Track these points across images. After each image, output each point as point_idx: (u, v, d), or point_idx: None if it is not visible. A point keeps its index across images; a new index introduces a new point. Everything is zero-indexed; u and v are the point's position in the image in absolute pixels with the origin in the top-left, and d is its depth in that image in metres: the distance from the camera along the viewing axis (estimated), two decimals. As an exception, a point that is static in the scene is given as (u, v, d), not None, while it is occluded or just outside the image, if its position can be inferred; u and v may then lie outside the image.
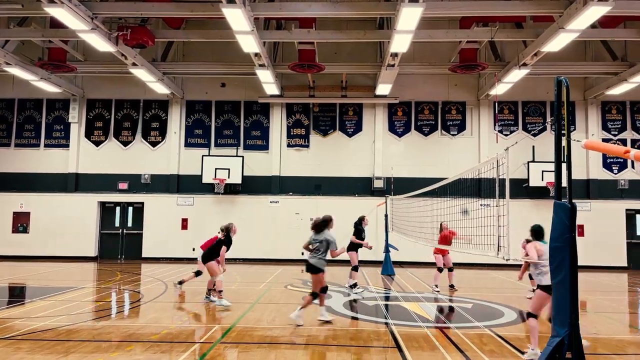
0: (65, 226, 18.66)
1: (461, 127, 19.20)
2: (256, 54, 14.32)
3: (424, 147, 19.20)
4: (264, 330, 7.42)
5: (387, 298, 10.84)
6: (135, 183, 19.41)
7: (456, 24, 15.59)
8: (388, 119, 19.37)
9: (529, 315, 6.05)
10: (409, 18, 11.27)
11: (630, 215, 18.50)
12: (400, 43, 12.96)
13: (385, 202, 16.32)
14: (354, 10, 12.77)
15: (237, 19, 11.61)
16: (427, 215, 11.63)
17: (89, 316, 8.43)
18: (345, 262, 12.05)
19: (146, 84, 17.71)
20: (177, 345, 6.48)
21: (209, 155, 19.02)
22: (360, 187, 19.07)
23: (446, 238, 11.36)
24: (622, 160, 18.50)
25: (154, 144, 19.61)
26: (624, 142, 18.72)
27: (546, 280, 5.69)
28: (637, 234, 18.61)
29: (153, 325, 7.75)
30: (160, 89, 17.99)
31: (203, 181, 18.49)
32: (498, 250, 6.89)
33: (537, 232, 6.40)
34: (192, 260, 18.26)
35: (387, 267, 15.07)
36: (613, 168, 18.73)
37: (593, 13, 11.06)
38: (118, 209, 19.53)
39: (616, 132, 18.89)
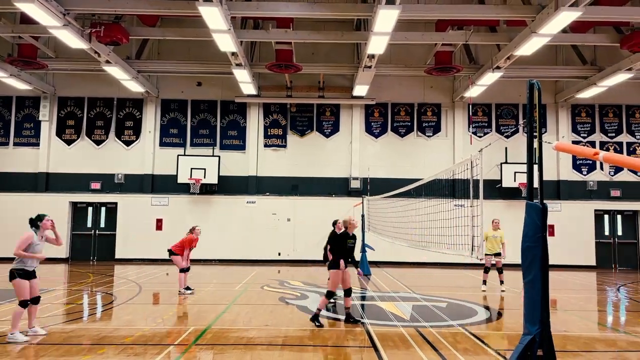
0: (35, 227, 18.15)
1: (436, 129, 19.45)
2: (233, 53, 14.22)
3: (400, 148, 19.38)
4: (239, 331, 7.37)
5: (363, 298, 10.90)
6: (109, 183, 19.04)
7: (432, 27, 15.80)
8: (365, 120, 19.49)
9: None
10: (385, 20, 11.37)
11: (598, 216, 19.04)
12: (377, 45, 13.06)
13: (362, 202, 16.40)
14: (332, 11, 12.82)
15: (213, 17, 11.51)
16: (404, 216, 11.74)
17: (60, 319, 8.23)
18: (322, 263, 12.06)
19: (120, 82, 17.39)
20: (150, 347, 6.39)
21: (184, 155, 18.80)
22: (338, 187, 19.13)
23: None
24: (591, 162, 19.04)
25: (128, 143, 19.28)
26: (592, 144, 19.26)
27: None
28: (605, 233, 19.17)
29: (126, 327, 7.62)
30: (135, 87, 17.69)
31: (178, 181, 18.26)
32: (472, 250, 7.01)
33: None
34: (167, 262, 18.04)
35: (364, 266, 15.13)
36: (582, 169, 19.25)
37: (564, 18, 11.35)
38: (90, 209, 19.13)
39: (585, 135, 19.43)
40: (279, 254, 18.61)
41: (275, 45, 15.22)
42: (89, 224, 19.07)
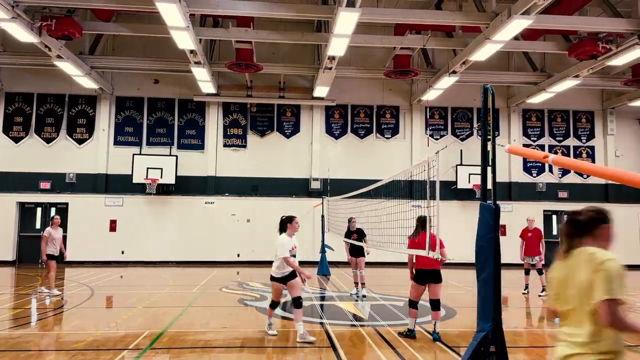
0: (-21, 228, 17.25)
1: (395, 131, 19.77)
2: (192, 51, 13.98)
3: (359, 150, 19.58)
4: (197, 334, 7.25)
5: (322, 298, 10.94)
6: (59, 182, 18.29)
7: (391, 31, 16.07)
8: (325, 121, 19.58)
9: None
10: (346, 22, 11.46)
11: (547, 216, 19.88)
12: (337, 46, 13.16)
13: (322, 203, 16.47)
14: (292, 12, 12.81)
15: (171, 14, 11.27)
16: (363, 216, 11.86)
17: (6, 324, 7.84)
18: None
19: (72, 78, 16.74)
20: (103, 352, 6.18)
21: (140, 154, 18.31)
22: (298, 188, 19.13)
23: None
24: (540, 164, 19.86)
25: (80, 141, 18.59)
26: (542, 147, 20.10)
27: None
28: (553, 233, 20.03)
29: (77, 332, 7.34)
30: (88, 83, 17.07)
31: (134, 181, 17.76)
32: (428, 249, 7.15)
33: None
34: (121, 264, 17.54)
35: (323, 267, 15.21)
36: (532, 172, 20.05)
37: (516, 26, 11.80)
38: (39, 209, 18.32)
39: (535, 138, 20.25)
40: (238, 255, 18.41)
41: (235, 44, 15.06)
42: (38, 225, 18.24)
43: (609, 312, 2.39)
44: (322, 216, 16.23)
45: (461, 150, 19.37)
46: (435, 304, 6.97)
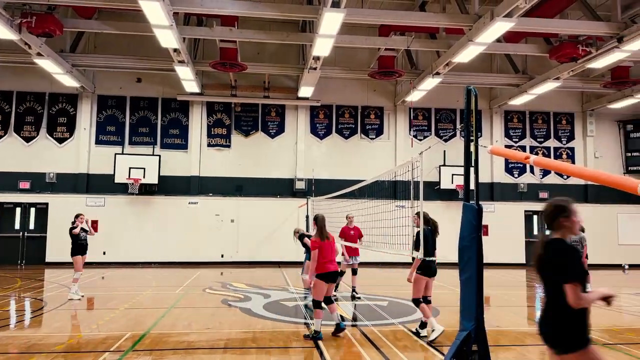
0: (-45, 229, 16.87)
1: (379, 131, 19.86)
2: (175, 50, 13.85)
3: (344, 150, 19.62)
4: (179, 335, 7.19)
5: (306, 298, 10.93)
6: (39, 182, 17.96)
7: (375, 32, 16.14)
8: (310, 121, 19.58)
9: None
10: (330, 23, 11.48)
11: (528, 216, 20.18)
12: (322, 47, 13.17)
13: (307, 203, 16.46)
14: (277, 11, 12.78)
15: (155, 12, 11.15)
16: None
17: (-17, 328, 7.67)
18: (265, 264, 11.99)
19: (53, 76, 16.45)
20: (84, 355, 6.09)
21: (122, 153, 18.08)
22: (282, 188, 19.09)
23: None
24: (521, 165, 20.15)
25: (60, 140, 18.29)
26: (523, 148, 20.39)
27: None
28: (534, 233, 20.34)
29: (57, 334, 7.22)
30: (69, 81, 16.80)
31: (116, 181, 17.54)
32: (412, 248, 7.20)
33: None
34: (102, 265, 17.30)
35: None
36: (514, 172, 20.33)
37: (499, 28, 11.95)
38: (18, 210, 17.96)
39: (517, 139, 20.53)
40: (222, 256, 18.30)
41: (219, 43, 14.97)
42: (17, 226, 17.90)
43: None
44: (307, 216, 16.22)
45: (444, 151, 19.54)
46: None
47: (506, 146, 19.93)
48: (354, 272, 11.02)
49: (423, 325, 7.23)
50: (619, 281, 15.00)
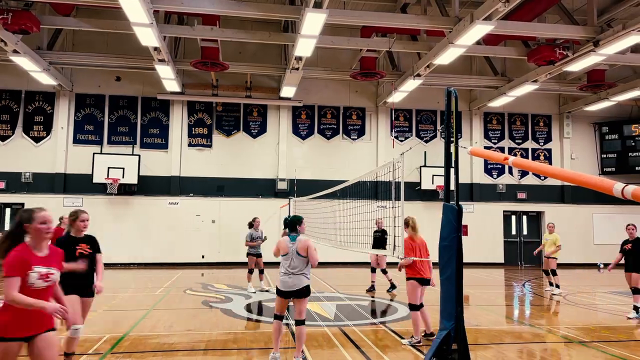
0: None
1: (361, 132, 19.95)
2: (155, 49, 13.69)
3: (326, 151, 19.65)
4: (160, 337, 7.11)
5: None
6: (14, 182, 17.56)
7: (357, 33, 16.21)
8: (292, 121, 19.56)
9: None
10: (313, 23, 11.49)
11: (506, 216, 20.50)
12: (304, 47, 13.17)
13: (289, 203, 16.44)
14: (259, 11, 12.73)
15: (135, 10, 11.01)
16: (329, 217, 11.92)
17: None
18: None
19: (29, 74, 16.10)
20: (60, 358, 5.97)
21: (101, 153, 17.80)
22: (264, 188, 19.02)
23: None
24: (500, 166, 20.45)
25: (37, 139, 17.92)
26: (502, 149, 20.71)
27: None
28: (512, 233, 20.68)
29: (34, 338, 7.07)
30: (46, 79, 16.47)
31: (94, 181, 17.26)
32: (394, 249, 7.25)
33: None
34: (81, 266, 17.00)
35: (289, 268, 15.15)
36: (493, 173, 20.62)
37: (478, 30, 12.12)
38: (-7, 210, 17.55)
39: (496, 141, 20.84)
40: (203, 257, 18.16)
41: (200, 42, 14.85)
42: (-9, 227, 17.49)
43: None
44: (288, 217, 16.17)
45: (425, 152, 19.72)
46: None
47: (485, 147, 20.21)
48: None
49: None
50: (595, 280, 15.35)
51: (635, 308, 8.91)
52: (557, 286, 12.11)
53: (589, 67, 15.89)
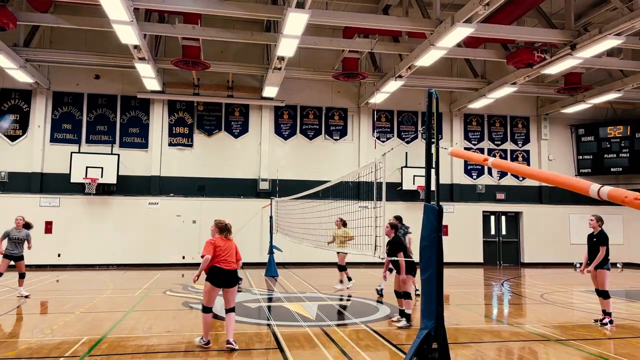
0: None
1: (343, 133, 20.00)
2: (136, 47, 13.52)
3: (308, 151, 19.65)
4: (139, 339, 7.02)
5: (270, 299, 10.89)
6: (-11, 181, 17.16)
7: (340, 34, 16.25)
8: (274, 121, 19.51)
9: None
10: (295, 23, 11.48)
11: (486, 217, 20.78)
12: (287, 47, 13.15)
13: (271, 203, 16.40)
14: (241, 10, 12.66)
15: (114, 7, 10.85)
16: (311, 217, 11.93)
17: None
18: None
19: (5, 71, 15.74)
20: None
21: (79, 152, 17.50)
22: (246, 188, 18.93)
23: None
24: (480, 167, 20.73)
25: (12, 138, 17.53)
26: (482, 150, 20.98)
27: None
28: (491, 233, 20.97)
29: (9, 340, 6.91)
30: (22, 77, 16.11)
31: (72, 180, 16.96)
32: (375, 249, 7.30)
33: None
34: (57, 267, 16.70)
35: (271, 268, 15.14)
36: (472, 174, 20.89)
37: (459, 33, 12.26)
38: (-35, 210, 17.07)
39: (476, 142, 21.11)
40: (184, 257, 17.99)
41: (182, 41, 14.71)
42: (-36, 227, 17.00)
43: None
44: (271, 217, 16.15)
45: (406, 153, 19.87)
46: None
47: (465, 148, 20.46)
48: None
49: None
50: (571, 279, 15.66)
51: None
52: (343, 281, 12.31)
53: (566, 70, 16.21)
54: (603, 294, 8.30)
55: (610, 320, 8.16)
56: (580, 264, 9.02)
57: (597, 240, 8.32)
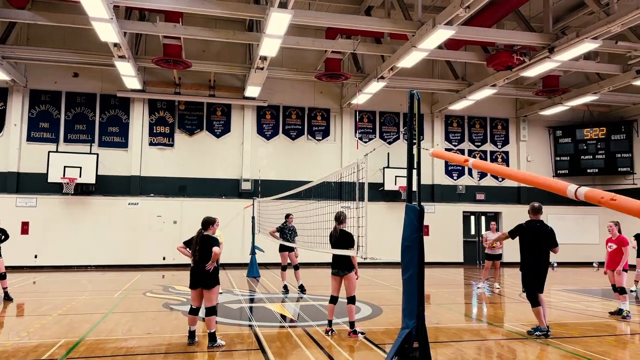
0: None
1: (325, 133, 20.02)
2: (115, 45, 13.33)
3: (291, 151, 19.62)
4: (118, 341, 6.92)
5: (251, 300, 10.84)
6: (-38, 181, 16.72)
7: (322, 34, 16.27)
8: (257, 121, 19.43)
9: None
10: (278, 23, 11.46)
11: (466, 217, 21.03)
12: (269, 47, 13.12)
13: (253, 204, 16.32)
14: (223, 9, 12.58)
15: (93, 4, 10.68)
16: (294, 217, 11.92)
17: None
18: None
19: (-21, 68, 15.38)
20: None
21: (57, 151, 17.17)
22: (228, 189, 18.82)
23: None
24: (460, 168, 20.97)
25: (-13, 136, 17.13)
26: (462, 151, 21.23)
27: None
28: (471, 233, 21.23)
29: (-18, 344, 6.75)
30: (-3, 74, 15.76)
31: (49, 180, 16.62)
32: (357, 249, 7.32)
33: None
34: (34, 269, 16.35)
35: (253, 269, 15.08)
36: (453, 175, 21.12)
37: (440, 35, 12.39)
38: (-62, 211, 16.62)
39: (456, 143, 21.36)
40: (164, 258, 17.78)
41: (163, 39, 14.56)
42: (-64, 228, 16.54)
43: None
44: (253, 217, 16.08)
45: (388, 154, 19.98)
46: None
47: (446, 149, 20.67)
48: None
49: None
50: (548, 278, 15.92)
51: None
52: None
53: (544, 73, 16.51)
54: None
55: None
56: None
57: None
